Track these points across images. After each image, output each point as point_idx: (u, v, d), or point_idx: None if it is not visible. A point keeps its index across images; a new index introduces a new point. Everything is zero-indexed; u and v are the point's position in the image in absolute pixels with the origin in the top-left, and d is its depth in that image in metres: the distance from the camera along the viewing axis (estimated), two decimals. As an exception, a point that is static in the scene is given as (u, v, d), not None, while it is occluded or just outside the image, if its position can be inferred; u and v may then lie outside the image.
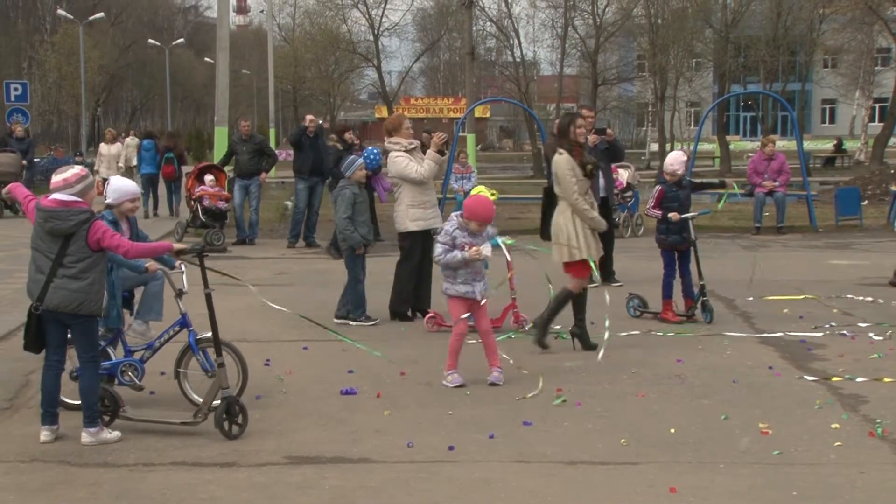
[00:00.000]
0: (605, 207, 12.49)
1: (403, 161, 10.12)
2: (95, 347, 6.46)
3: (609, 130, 12.88)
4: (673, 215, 9.95)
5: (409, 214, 10.20)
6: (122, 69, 68.74)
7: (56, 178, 6.25)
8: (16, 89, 32.70)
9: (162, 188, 23.34)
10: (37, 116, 57.30)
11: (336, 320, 10.22)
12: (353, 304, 10.25)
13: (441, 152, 10.32)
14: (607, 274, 12.46)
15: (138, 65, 72.63)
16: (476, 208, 7.82)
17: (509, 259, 9.60)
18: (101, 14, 58.35)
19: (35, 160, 28.53)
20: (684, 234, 10.05)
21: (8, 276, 13.02)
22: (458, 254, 7.71)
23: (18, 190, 6.86)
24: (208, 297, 6.59)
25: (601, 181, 12.32)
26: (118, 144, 25.61)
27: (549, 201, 9.01)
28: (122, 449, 6.20)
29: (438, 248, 7.79)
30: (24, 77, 55.79)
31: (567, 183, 8.76)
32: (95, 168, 24.34)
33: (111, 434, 6.34)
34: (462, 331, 7.82)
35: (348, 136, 16.81)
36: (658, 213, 10.06)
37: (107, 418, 6.51)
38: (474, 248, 7.71)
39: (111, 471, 5.82)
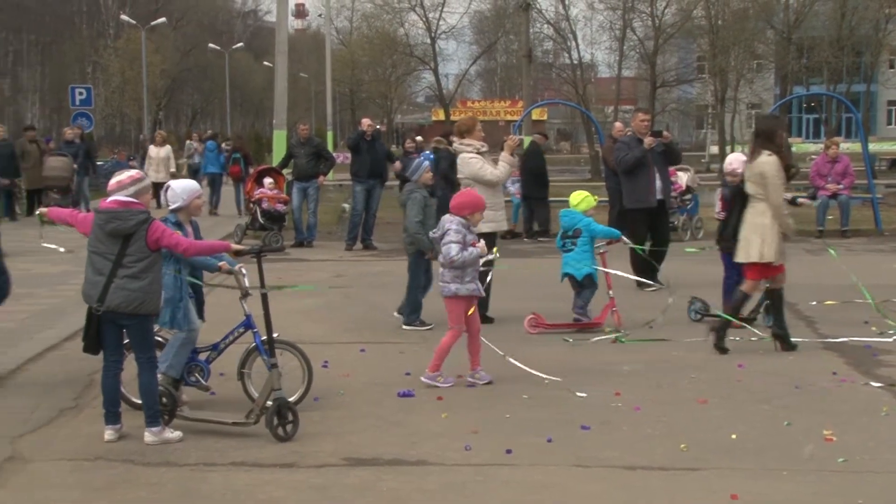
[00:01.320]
0: (662, 210, 12.42)
1: (478, 163, 10.13)
2: (152, 348, 6.53)
3: (665, 133, 12.80)
4: None
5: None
6: (182, 73, 69.60)
7: (111, 182, 6.38)
8: (80, 93, 33.26)
9: (228, 189, 24.08)
10: (100, 120, 58.23)
11: (405, 327, 10.18)
12: (409, 308, 10.23)
13: (512, 155, 10.44)
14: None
15: (199, 69, 73.45)
16: (469, 200, 7.97)
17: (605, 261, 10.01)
18: (162, 19, 59.15)
19: (98, 163, 29.00)
20: None
21: (73, 277, 13.21)
22: (474, 251, 7.77)
23: (58, 213, 6.87)
24: (264, 298, 6.66)
25: (658, 183, 12.25)
26: (167, 147, 25.84)
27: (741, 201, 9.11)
28: (184, 448, 6.27)
29: (455, 248, 7.75)
30: (88, 81, 56.75)
31: (776, 186, 8.77)
32: (144, 170, 24.76)
33: (173, 434, 6.42)
34: (462, 331, 7.87)
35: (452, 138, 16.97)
36: None
37: (165, 417, 6.60)
38: (481, 244, 7.84)
39: (173, 470, 5.89)
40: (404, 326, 10.15)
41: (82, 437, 6.53)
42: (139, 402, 6.68)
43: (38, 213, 7.17)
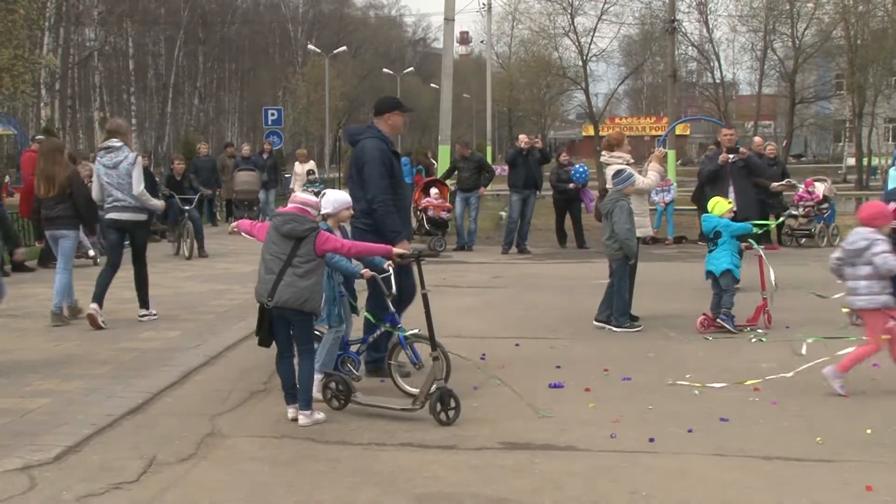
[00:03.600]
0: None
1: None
2: (311, 341, 6.62)
3: (742, 149, 12.17)
4: None
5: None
6: (360, 95, 71.18)
7: (300, 196, 6.56)
8: (272, 114, 34.43)
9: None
10: (289, 138, 60.11)
11: (595, 323, 9.93)
12: (618, 312, 9.78)
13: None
14: None
15: (374, 91, 74.72)
16: (879, 211, 7.38)
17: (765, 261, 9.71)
18: (343, 48, 60.76)
19: (287, 175, 29.82)
20: None
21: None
22: None
23: (243, 226, 7.09)
24: (425, 298, 6.68)
25: (730, 196, 11.70)
26: (311, 163, 25.76)
27: None
28: (358, 429, 6.38)
29: (892, 259, 7.07)
30: (279, 104, 58.71)
31: None
32: (291, 186, 25.02)
33: (321, 415, 6.50)
34: (880, 346, 7.25)
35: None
36: None
37: (342, 401, 6.75)
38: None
39: (348, 448, 6.00)
40: (615, 329, 9.67)
41: (270, 416, 6.72)
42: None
43: (232, 227, 7.39)
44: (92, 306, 9.94)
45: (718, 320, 9.57)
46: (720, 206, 9.94)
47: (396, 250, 6.80)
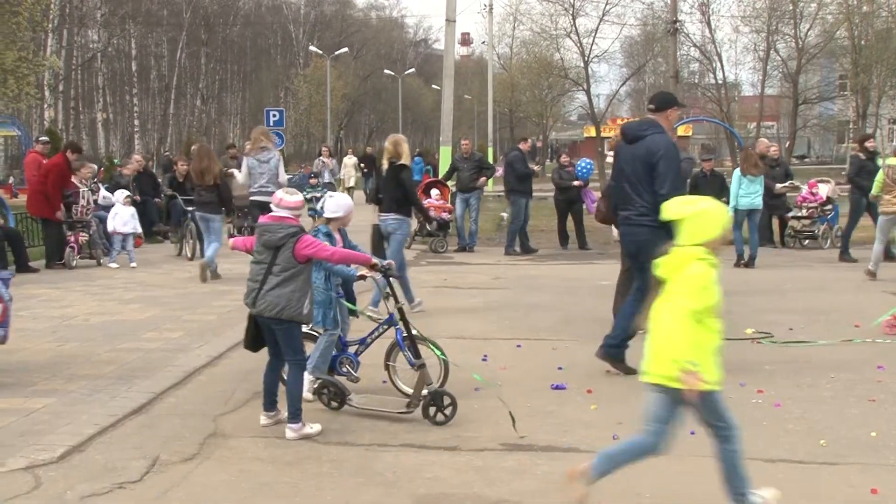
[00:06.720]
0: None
1: None
2: (299, 351, 6.45)
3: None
4: None
5: None
6: (361, 96, 71.33)
7: (276, 198, 6.39)
8: (274, 115, 34.34)
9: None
10: (290, 139, 60.27)
11: None
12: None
13: None
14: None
15: (375, 92, 75.16)
16: None
17: None
18: (345, 49, 60.87)
19: (287, 176, 29.67)
20: None
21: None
22: None
23: (240, 245, 7.02)
24: (401, 311, 6.70)
25: None
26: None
27: None
28: (360, 430, 6.38)
29: None
30: (280, 105, 58.85)
31: None
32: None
33: (312, 429, 6.35)
34: None
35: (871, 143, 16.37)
36: None
37: (335, 404, 6.77)
38: None
39: (350, 449, 6.01)
40: None
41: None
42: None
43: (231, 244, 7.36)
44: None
45: None
46: None
47: (374, 260, 6.71)
